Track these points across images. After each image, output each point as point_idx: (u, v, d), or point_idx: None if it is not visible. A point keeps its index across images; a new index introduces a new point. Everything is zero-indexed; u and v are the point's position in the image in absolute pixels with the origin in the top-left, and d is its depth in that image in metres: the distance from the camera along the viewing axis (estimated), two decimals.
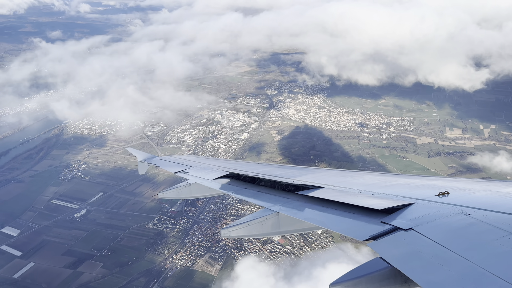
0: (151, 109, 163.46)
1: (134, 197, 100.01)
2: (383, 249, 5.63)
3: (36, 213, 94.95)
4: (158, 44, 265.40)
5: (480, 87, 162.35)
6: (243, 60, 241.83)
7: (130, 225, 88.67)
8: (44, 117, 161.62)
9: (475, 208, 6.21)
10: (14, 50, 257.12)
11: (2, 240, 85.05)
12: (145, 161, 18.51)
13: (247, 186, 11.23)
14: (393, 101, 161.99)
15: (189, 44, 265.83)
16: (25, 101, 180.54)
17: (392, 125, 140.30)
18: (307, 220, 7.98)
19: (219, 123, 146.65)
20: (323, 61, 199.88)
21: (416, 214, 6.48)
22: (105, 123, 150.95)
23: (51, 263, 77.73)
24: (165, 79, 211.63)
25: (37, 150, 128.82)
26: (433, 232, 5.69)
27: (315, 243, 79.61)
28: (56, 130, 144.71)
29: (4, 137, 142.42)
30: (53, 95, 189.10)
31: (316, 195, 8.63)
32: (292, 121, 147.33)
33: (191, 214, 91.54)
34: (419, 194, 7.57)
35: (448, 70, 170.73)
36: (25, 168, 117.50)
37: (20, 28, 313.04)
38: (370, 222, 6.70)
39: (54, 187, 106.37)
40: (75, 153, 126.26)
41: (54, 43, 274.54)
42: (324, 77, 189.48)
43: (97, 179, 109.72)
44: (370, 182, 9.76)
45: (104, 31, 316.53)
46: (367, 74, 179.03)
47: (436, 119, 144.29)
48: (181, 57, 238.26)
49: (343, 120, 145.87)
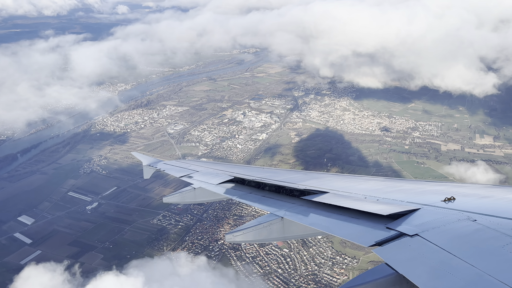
0: (177, 108, 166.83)
1: (145, 192, 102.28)
2: (389, 255, 5.61)
3: (52, 203, 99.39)
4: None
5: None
6: (275, 61, 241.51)
7: (136, 220, 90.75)
8: (77, 113, 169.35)
9: (482, 214, 6.17)
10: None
11: (16, 227, 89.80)
12: (150, 165, 18.62)
13: (252, 191, 11.24)
14: (423, 105, 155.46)
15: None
16: (63, 98, 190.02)
17: (418, 130, 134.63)
18: (312, 225, 7.93)
19: (240, 123, 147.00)
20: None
21: (422, 220, 6.46)
22: (132, 120, 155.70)
23: (57, 252, 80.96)
24: (197, 80, 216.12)
25: (64, 144, 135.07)
26: (439, 238, 5.67)
27: (314, 248, 77.75)
28: (85, 126, 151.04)
29: (38, 131, 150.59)
30: (89, 92, 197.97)
31: (321, 200, 8.63)
32: (314, 123, 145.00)
33: (195, 212, 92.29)
34: (425, 199, 7.54)
35: (486, 76, 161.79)
36: (50, 160, 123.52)
37: (69, 29, 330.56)
38: (376, 227, 6.69)
39: (73, 179, 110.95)
40: (98, 148, 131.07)
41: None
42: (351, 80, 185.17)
43: (114, 174, 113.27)
44: (376, 187, 9.75)
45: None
46: (398, 77, 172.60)
47: (466, 125, 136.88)
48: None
49: (366, 124, 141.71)
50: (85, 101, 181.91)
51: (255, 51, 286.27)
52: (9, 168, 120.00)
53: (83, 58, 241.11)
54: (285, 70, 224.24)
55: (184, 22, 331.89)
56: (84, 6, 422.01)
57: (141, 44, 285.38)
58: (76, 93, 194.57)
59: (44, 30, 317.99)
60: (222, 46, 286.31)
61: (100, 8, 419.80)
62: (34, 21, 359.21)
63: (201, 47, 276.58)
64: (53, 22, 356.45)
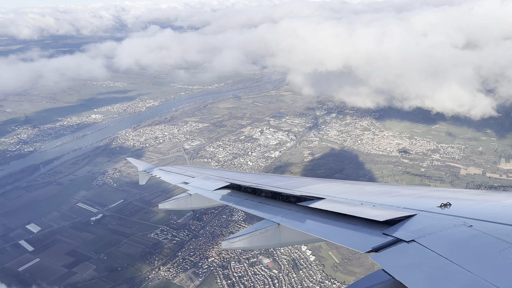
0: (197, 125, 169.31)
1: (149, 206, 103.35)
2: (386, 261, 5.63)
3: (61, 213, 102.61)
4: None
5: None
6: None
7: (135, 233, 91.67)
8: (103, 127, 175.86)
9: (478, 220, 6.18)
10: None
11: (22, 235, 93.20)
12: (145, 171, 18.99)
13: (248, 197, 11.28)
14: (448, 127, 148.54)
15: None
16: (93, 112, 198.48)
17: (439, 152, 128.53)
18: (308, 231, 7.94)
19: (256, 141, 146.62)
20: (377, 83, 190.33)
21: (418, 225, 6.48)
22: (152, 135, 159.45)
23: (54, 260, 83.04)
24: (222, 97, 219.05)
25: (84, 157, 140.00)
26: (436, 244, 5.70)
27: (304, 270, 74.99)
28: (107, 140, 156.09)
29: (63, 143, 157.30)
30: (117, 108, 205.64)
31: (317, 207, 8.64)
32: (330, 142, 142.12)
33: (193, 228, 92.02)
34: (421, 205, 7.56)
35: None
36: (68, 172, 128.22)
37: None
38: (372, 233, 6.72)
39: (85, 191, 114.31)
40: (115, 161, 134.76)
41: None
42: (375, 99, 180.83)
43: (124, 187, 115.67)
44: (372, 193, 9.76)
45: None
46: (424, 97, 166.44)
47: (492, 148, 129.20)
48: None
49: (385, 144, 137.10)
50: (112, 116, 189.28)
51: (283, 70, 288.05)
52: (29, 178, 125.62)
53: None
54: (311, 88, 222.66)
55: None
56: (121, 26, 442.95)
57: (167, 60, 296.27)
58: (105, 111, 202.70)
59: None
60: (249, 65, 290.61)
61: (133, 27, 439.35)
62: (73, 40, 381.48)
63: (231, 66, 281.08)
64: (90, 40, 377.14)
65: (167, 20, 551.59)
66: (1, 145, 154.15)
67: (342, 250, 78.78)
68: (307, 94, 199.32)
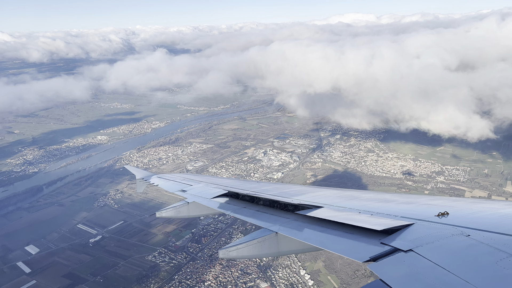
0: (201, 146, 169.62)
1: (148, 228, 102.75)
2: (384, 271, 5.62)
3: (60, 235, 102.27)
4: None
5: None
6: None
7: (132, 255, 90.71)
8: (108, 148, 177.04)
9: (475, 229, 6.19)
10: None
11: (21, 256, 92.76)
12: (143, 179, 18.86)
13: (246, 205, 11.26)
14: (453, 149, 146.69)
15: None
16: (99, 133, 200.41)
17: (444, 174, 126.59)
18: (306, 240, 7.94)
19: (259, 162, 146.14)
20: (368, 104, 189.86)
21: (416, 235, 6.48)
22: (156, 156, 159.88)
23: (50, 283, 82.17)
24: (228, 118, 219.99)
25: (87, 178, 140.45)
26: (433, 253, 5.69)
27: None
28: (111, 161, 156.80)
29: (68, 164, 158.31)
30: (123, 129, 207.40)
31: (315, 215, 8.64)
32: (334, 163, 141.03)
33: (191, 250, 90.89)
34: (419, 214, 7.58)
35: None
36: (70, 193, 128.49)
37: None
38: (370, 243, 6.71)
39: (86, 212, 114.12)
40: (118, 182, 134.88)
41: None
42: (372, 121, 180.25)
43: (124, 208, 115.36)
44: (370, 201, 9.74)
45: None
46: (419, 119, 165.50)
47: (499, 170, 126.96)
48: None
49: (389, 166, 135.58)
50: (118, 137, 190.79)
51: (272, 92, 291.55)
52: (32, 199, 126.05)
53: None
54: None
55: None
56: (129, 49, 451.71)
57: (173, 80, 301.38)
58: (111, 132, 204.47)
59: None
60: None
61: (140, 50, 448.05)
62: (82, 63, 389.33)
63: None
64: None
65: (172, 43, 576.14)
66: (7, 166, 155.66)
67: (341, 275, 76.99)
68: (302, 116, 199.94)
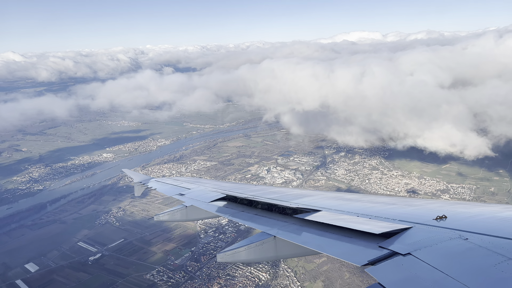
0: (205, 163, 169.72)
1: (148, 246, 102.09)
2: (382, 274, 5.63)
3: (60, 253, 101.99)
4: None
5: None
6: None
7: (131, 274, 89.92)
8: (113, 166, 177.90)
9: (473, 233, 6.21)
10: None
11: (20, 274, 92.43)
12: (141, 182, 18.93)
13: (244, 209, 11.25)
14: (459, 167, 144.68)
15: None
16: (105, 151, 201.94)
17: (449, 192, 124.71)
18: (304, 244, 7.95)
19: (262, 179, 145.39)
20: (360, 122, 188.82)
21: (414, 238, 6.50)
22: (159, 174, 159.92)
23: None
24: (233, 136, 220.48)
25: (90, 195, 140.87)
26: (432, 257, 5.71)
27: None
28: (115, 179, 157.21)
29: (72, 182, 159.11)
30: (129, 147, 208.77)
31: (313, 219, 8.64)
32: (337, 181, 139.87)
33: (190, 269, 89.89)
34: (417, 218, 7.61)
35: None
36: (73, 210, 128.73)
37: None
38: (368, 246, 6.73)
39: (87, 230, 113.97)
40: (120, 200, 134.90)
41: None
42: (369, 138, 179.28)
43: (125, 226, 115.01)
44: (368, 205, 9.76)
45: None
46: (415, 136, 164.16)
47: (505, 189, 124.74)
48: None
49: (393, 184, 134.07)
50: (123, 155, 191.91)
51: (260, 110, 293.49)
52: (35, 216, 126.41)
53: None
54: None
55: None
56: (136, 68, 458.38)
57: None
58: (116, 150, 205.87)
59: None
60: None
61: (146, 69, 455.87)
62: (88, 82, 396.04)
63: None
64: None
65: (176, 61, 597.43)
66: (12, 184, 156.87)
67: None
68: (296, 133, 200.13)
